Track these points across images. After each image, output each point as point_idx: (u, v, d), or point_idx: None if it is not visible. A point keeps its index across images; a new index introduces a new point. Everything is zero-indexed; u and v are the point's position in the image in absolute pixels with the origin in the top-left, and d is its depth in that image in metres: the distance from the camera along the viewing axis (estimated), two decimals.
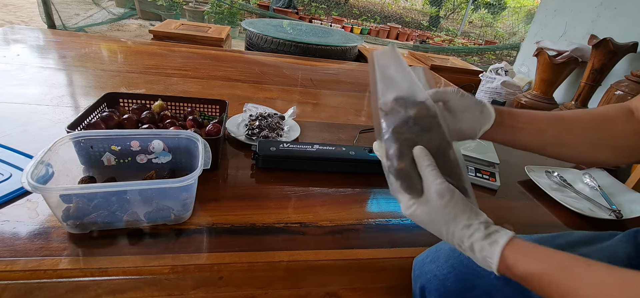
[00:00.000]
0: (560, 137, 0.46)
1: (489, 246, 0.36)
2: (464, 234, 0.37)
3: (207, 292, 0.48)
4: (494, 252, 0.35)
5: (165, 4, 5.28)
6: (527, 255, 0.35)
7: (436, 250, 0.53)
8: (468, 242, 0.37)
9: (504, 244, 0.35)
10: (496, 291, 0.48)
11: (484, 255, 0.36)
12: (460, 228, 0.37)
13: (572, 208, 0.71)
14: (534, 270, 0.34)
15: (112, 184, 0.45)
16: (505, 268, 0.35)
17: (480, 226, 0.37)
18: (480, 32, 9.03)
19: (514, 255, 0.35)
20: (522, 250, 0.35)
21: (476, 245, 0.36)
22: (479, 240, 0.36)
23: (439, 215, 0.38)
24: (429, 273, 0.50)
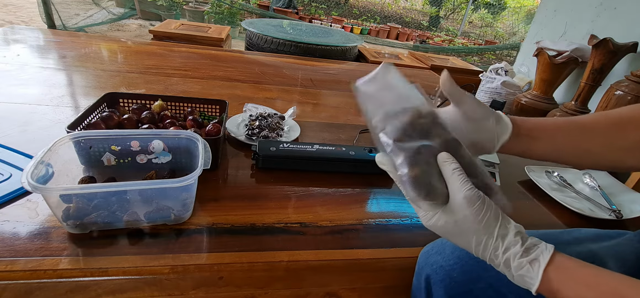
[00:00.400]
0: (580, 144, 0.43)
1: (529, 265, 0.33)
2: (499, 247, 0.34)
3: (207, 292, 0.48)
4: (535, 273, 0.32)
5: (165, 4, 5.28)
6: (574, 279, 0.32)
7: (442, 242, 0.53)
8: (503, 257, 0.34)
9: (546, 263, 0.32)
10: (502, 283, 0.48)
11: (522, 274, 0.33)
12: (493, 240, 0.34)
13: (572, 208, 0.71)
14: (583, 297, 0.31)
15: (112, 184, 0.45)
16: (548, 291, 0.32)
17: (516, 239, 0.34)
18: (480, 32, 9.03)
19: (558, 277, 0.32)
20: (568, 271, 0.32)
21: (513, 262, 0.33)
22: (517, 256, 0.33)
23: (468, 225, 0.34)
24: (435, 264, 0.50)
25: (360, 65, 1.86)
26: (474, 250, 0.35)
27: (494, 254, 0.34)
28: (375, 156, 0.48)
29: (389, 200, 0.68)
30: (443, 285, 0.49)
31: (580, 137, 0.43)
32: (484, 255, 0.35)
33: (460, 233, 0.35)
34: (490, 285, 0.48)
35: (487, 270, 0.49)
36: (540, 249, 0.33)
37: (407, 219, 0.63)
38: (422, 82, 1.69)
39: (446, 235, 0.37)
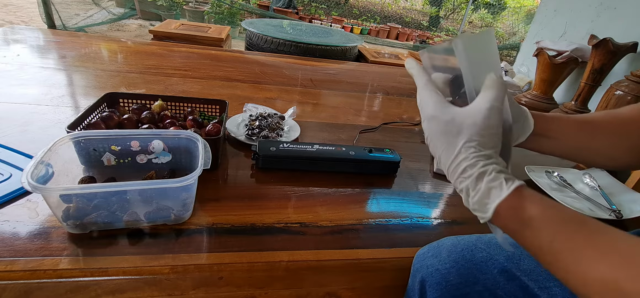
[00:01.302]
0: (590, 145, 0.44)
1: (498, 186, 0.33)
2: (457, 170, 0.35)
3: (207, 292, 0.48)
4: (502, 188, 0.32)
5: (165, 4, 5.28)
6: (544, 201, 0.32)
7: (438, 245, 0.53)
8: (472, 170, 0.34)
9: (518, 184, 0.33)
10: (498, 287, 0.48)
11: (490, 187, 0.33)
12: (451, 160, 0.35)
13: (572, 208, 0.71)
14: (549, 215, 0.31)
15: (112, 184, 0.45)
16: (510, 208, 0.32)
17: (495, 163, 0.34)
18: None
19: (526, 195, 0.32)
20: (538, 196, 0.32)
21: (486, 176, 0.33)
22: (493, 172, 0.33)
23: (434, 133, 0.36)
24: (431, 267, 0.50)
25: (360, 65, 1.86)
26: (446, 156, 0.36)
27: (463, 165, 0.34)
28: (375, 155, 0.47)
29: (389, 200, 0.68)
30: (438, 288, 0.49)
31: (591, 138, 0.44)
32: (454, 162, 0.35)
33: (431, 138, 0.37)
34: (486, 288, 0.49)
35: (484, 274, 0.49)
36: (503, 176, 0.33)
37: (407, 219, 0.63)
38: None
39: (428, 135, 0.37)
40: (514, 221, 0.33)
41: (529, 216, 0.32)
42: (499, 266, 0.49)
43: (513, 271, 0.48)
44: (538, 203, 0.32)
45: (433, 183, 0.77)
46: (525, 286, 0.47)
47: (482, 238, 0.53)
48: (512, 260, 0.49)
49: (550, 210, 0.32)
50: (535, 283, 0.47)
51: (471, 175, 0.34)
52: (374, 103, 1.28)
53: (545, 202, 0.32)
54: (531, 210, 0.32)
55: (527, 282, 0.47)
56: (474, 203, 0.34)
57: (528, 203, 0.32)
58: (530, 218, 0.32)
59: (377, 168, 0.75)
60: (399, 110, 1.21)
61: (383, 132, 0.99)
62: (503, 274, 0.49)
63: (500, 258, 0.50)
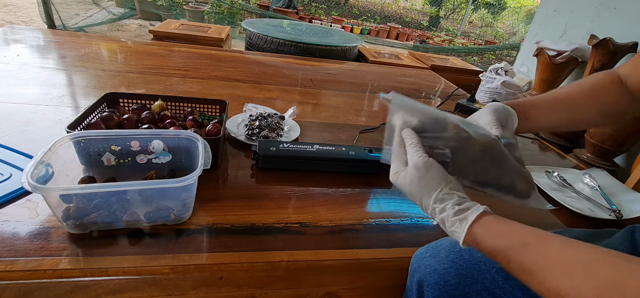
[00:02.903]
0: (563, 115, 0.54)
1: (459, 223, 0.38)
2: (436, 208, 0.40)
3: (207, 292, 0.48)
4: (462, 229, 0.38)
5: (165, 4, 5.28)
6: (492, 232, 0.37)
7: (436, 245, 0.53)
8: (439, 216, 0.40)
9: (471, 221, 0.38)
10: (497, 287, 0.48)
11: (453, 231, 0.39)
12: (432, 201, 0.40)
13: (572, 208, 0.71)
14: (497, 246, 0.36)
15: (112, 184, 0.45)
16: (473, 242, 0.38)
17: (452, 204, 0.39)
18: (480, 32, 9.03)
19: (480, 231, 0.38)
20: (489, 226, 0.37)
21: (447, 221, 0.39)
22: (450, 216, 0.39)
23: (415, 187, 0.41)
24: (429, 268, 0.50)
25: (360, 65, 1.86)
26: (422, 208, 0.42)
27: (433, 213, 0.41)
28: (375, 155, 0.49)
29: (389, 200, 0.68)
30: (437, 288, 0.49)
31: (564, 109, 0.54)
32: (428, 213, 0.41)
33: (411, 194, 0.42)
34: (485, 288, 0.48)
35: (483, 273, 0.49)
36: (470, 211, 0.39)
37: (407, 219, 0.63)
38: (423, 82, 1.69)
39: (405, 190, 0.43)
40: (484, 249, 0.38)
41: (484, 249, 0.38)
42: (497, 266, 0.49)
43: None
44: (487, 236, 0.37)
45: None
46: (523, 286, 0.47)
47: None
48: None
49: (497, 240, 0.37)
50: None
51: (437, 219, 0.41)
52: (374, 103, 1.28)
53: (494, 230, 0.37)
54: (483, 244, 0.37)
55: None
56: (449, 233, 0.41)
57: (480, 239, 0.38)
58: (486, 250, 0.38)
59: (377, 168, 0.75)
60: None
61: (383, 132, 0.99)
62: (501, 273, 0.49)
63: None
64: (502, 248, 0.36)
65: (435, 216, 0.40)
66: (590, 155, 1.55)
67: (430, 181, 0.40)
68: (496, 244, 0.36)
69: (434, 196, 0.40)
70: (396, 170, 0.43)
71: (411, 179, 0.41)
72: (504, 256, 0.36)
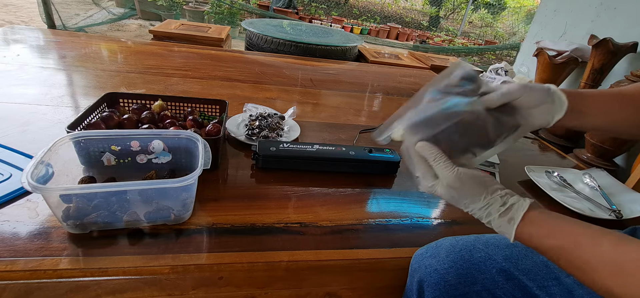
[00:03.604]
0: (623, 116, 0.46)
1: (507, 223, 0.39)
2: (482, 216, 0.40)
3: (207, 292, 0.48)
4: (510, 230, 0.38)
5: (165, 4, 5.28)
6: (540, 230, 0.37)
7: (436, 245, 0.53)
8: (486, 220, 0.40)
9: (518, 221, 0.38)
10: (497, 287, 0.48)
11: (502, 231, 0.40)
12: (477, 211, 0.40)
13: (572, 208, 0.71)
14: (547, 245, 0.37)
15: (112, 184, 0.45)
16: (522, 241, 0.39)
17: (497, 207, 0.39)
18: (480, 32, 9.03)
19: (528, 229, 0.38)
20: (536, 224, 0.38)
21: (494, 223, 0.40)
22: (496, 219, 0.39)
23: (456, 200, 0.42)
24: (429, 268, 0.50)
25: (360, 65, 1.86)
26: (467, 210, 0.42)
27: (480, 219, 0.41)
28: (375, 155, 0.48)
29: (389, 200, 0.68)
30: (437, 288, 0.49)
31: (622, 107, 0.46)
32: (474, 214, 0.41)
33: (453, 200, 0.42)
34: (485, 288, 0.49)
35: (483, 273, 0.49)
36: (515, 210, 0.39)
37: (407, 219, 0.63)
38: (423, 82, 1.69)
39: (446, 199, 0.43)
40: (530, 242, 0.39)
41: (533, 247, 0.38)
42: (498, 266, 0.49)
43: (511, 270, 0.48)
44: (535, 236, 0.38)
45: None
46: (524, 285, 0.47)
47: (481, 239, 0.53)
48: (511, 259, 0.49)
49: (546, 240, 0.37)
50: (533, 282, 0.47)
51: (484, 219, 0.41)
52: (374, 103, 1.28)
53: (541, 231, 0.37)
54: (532, 243, 0.38)
55: (525, 281, 0.47)
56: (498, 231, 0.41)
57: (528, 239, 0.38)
58: (536, 249, 0.38)
59: (377, 169, 0.75)
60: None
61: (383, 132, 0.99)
62: (501, 274, 0.49)
63: (499, 258, 0.50)
64: (551, 247, 0.37)
65: (483, 220, 0.41)
66: (590, 155, 1.55)
67: (469, 192, 0.40)
68: (546, 244, 0.37)
69: (478, 207, 0.40)
70: (430, 184, 0.43)
71: (451, 196, 0.42)
72: (554, 254, 0.37)
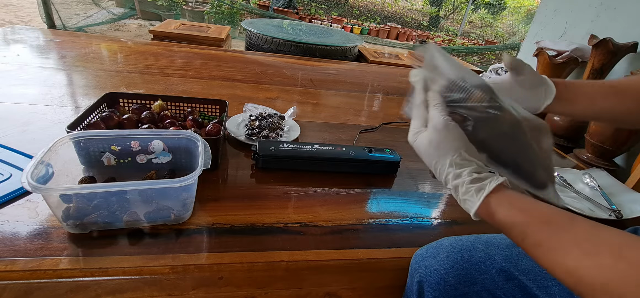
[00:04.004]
0: (614, 108, 0.47)
1: (474, 192, 0.36)
2: (451, 172, 0.38)
3: (207, 292, 0.48)
4: (478, 198, 0.36)
5: (165, 4, 5.28)
6: (511, 205, 0.35)
7: (436, 245, 0.53)
8: (453, 182, 0.38)
9: (489, 191, 0.36)
10: (497, 287, 0.48)
11: (465, 199, 0.37)
12: (448, 165, 0.38)
13: (572, 208, 0.71)
14: (515, 219, 0.35)
15: (112, 184, 0.45)
16: (486, 213, 0.36)
17: (470, 171, 0.37)
18: (480, 32, 9.03)
19: (497, 201, 0.36)
20: (508, 198, 0.36)
21: (461, 188, 0.37)
22: (466, 183, 0.37)
23: (432, 149, 0.39)
24: (429, 268, 0.50)
25: (360, 65, 1.86)
26: (435, 171, 0.40)
27: (447, 178, 0.38)
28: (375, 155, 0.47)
29: (389, 200, 0.68)
30: (437, 288, 0.49)
31: (614, 101, 0.47)
32: (441, 177, 0.39)
33: (428, 154, 0.40)
34: (485, 288, 0.49)
35: (483, 274, 0.49)
36: (489, 181, 0.37)
37: (407, 219, 0.63)
38: None
39: (421, 153, 0.41)
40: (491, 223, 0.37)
41: (498, 220, 0.36)
42: (498, 266, 0.49)
43: (511, 271, 0.48)
44: (505, 207, 0.35)
45: (433, 184, 0.77)
46: (524, 286, 0.47)
47: (481, 239, 0.53)
48: (511, 260, 0.49)
49: (517, 213, 0.35)
50: (533, 282, 0.47)
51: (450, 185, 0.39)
52: (374, 103, 1.28)
53: (514, 204, 0.35)
54: (499, 214, 0.36)
55: (525, 281, 0.47)
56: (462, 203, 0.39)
57: (496, 208, 0.36)
58: (501, 222, 0.36)
59: (377, 169, 0.75)
60: (399, 110, 1.21)
61: (383, 132, 0.99)
62: (501, 274, 0.49)
63: (499, 258, 0.50)
64: (519, 222, 0.34)
65: (449, 182, 0.38)
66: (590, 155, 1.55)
67: (449, 143, 0.38)
68: (514, 217, 0.34)
69: (450, 159, 0.38)
70: (416, 130, 0.41)
71: (429, 140, 0.39)
72: (520, 231, 0.34)
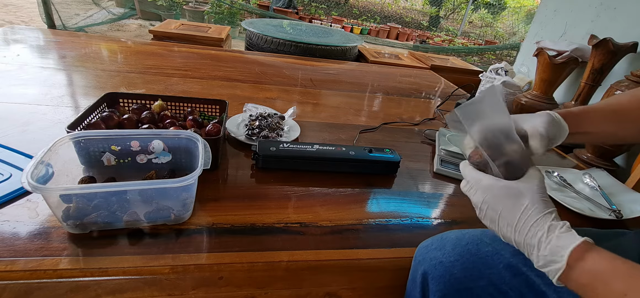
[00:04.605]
0: (616, 133, 0.49)
1: (570, 235, 0.36)
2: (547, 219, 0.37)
3: (207, 292, 0.48)
4: (575, 238, 0.35)
5: (165, 4, 5.28)
6: (614, 256, 0.33)
7: (442, 238, 0.53)
8: (544, 223, 0.37)
9: (588, 239, 0.35)
10: (503, 282, 0.48)
11: (563, 235, 0.36)
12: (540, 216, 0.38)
13: (572, 208, 0.71)
14: (619, 268, 0.32)
15: (112, 184, 0.45)
16: (581, 259, 0.34)
17: (557, 220, 0.37)
18: (480, 32, 9.03)
19: (596, 248, 0.34)
20: (607, 251, 0.34)
21: (557, 229, 0.36)
22: (561, 227, 0.36)
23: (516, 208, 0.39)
24: (434, 260, 0.50)
25: (360, 65, 1.86)
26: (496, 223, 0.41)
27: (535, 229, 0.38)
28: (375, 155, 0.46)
29: (389, 200, 0.68)
30: (442, 281, 0.48)
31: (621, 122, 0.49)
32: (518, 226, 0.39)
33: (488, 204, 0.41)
34: (491, 283, 0.48)
35: (490, 268, 0.48)
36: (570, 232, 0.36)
37: (407, 219, 0.63)
38: (423, 82, 1.69)
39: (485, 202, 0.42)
40: (584, 274, 0.34)
41: (600, 267, 0.33)
42: (505, 261, 0.49)
43: (519, 266, 0.48)
44: (609, 255, 0.34)
45: (433, 183, 0.77)
46: (531, 282, 0.47)
47: (487, 233, 0.52)
48: (519, 255, 0.49)
49: (622, 263, 0.33)
50: (541, 278, 0.47)
51: (542, 228, 0.37)
52: (374, 103, 1.28)
53: (616, 256, 0.34)
54: (602, 262, 0.33)
55: (533, 278, 0.47)
56: (546, 254, 0.36)
57: (599, 254, 0.34)
58: (602, 270, 0.33)
59: (377, 169, 0.75)
60: (399, 110, 1.21)
61: (383, 132, 0.99)
62: (509, 269, 0.48)
63: (506, 254, 0.49)
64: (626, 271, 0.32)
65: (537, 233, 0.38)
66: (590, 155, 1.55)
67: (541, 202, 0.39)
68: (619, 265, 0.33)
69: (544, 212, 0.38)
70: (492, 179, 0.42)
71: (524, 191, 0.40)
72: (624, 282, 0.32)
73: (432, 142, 0.97)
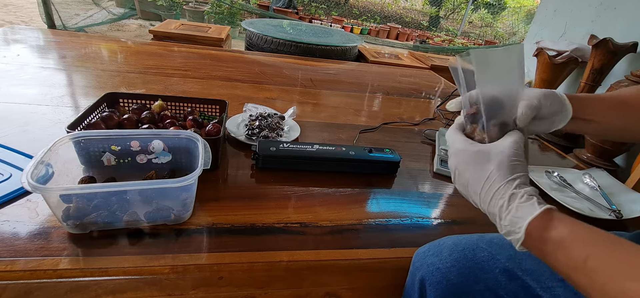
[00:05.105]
0: (626, 125, 0.46)
1: (529, 205, 0.34)
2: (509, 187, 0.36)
3: (207, 292, 0.48)
4: (534, 207, 0.34)
5: (165, 4, 5.28)
6: (575, 221, 0.33)
7: (439, 244, 0.53)
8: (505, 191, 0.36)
9: (549, 206, 0.34)
10: (500, 287, 0.48)
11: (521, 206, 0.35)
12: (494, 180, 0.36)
13: (572, 208, 0.71)
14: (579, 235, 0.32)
15: (112, 184, 0.45)
16: (541, 228, 0.34)
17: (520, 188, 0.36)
18: (480, 32, 9.03)
19: (557, 216, 0.33)
20: (569, 217, 0.34)
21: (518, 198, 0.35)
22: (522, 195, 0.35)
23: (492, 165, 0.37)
24: (431, 266, 0.50)
25: (360, 65, 1.86)
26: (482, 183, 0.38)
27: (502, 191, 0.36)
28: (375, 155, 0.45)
29: (389, 200, 0.68)
30: (439, 287, 0.49)
31: (627, 118, 0.46)
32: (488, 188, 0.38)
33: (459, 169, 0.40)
34: (488, 287, 0.48)
35: (486, 273, 0.49)
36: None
37: (407, 219, 0.63)
38: (423, 82, 1.69)
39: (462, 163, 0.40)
40: (545, 242, 0.33)
41: (560, 235, 0.32)
42: (501, 266, 0.49)
43: (515, 271, 0.48)
44: (569, 222, 0.33)
45: (433, 183, 0.77)
46: (527, 286, 0.47)
47: (484, 238, 0.53)
48: (514, 260, 0.49)
49: (582, 228, 0.32)
50: (537, 283, 0.47)
51: (503, 196, 0.36)
52: (374, 103, 1.28)
53: (576, 221, 0.33)
54: (563, 229, 0.32)
55: (529, 282, 0.47)
56: (506, 224, 0.36)
57: (559, 222, 0.33)
58: (562, 238, 0.32)
59: (377, 168, 0.75)
60: (399, 110, 1.21)
61: (383, 132, 0.99)
62: (505, 274, 0.49)
63: (502, 258, 0.50)
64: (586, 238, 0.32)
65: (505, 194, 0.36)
66: (590, 155, 1.55)
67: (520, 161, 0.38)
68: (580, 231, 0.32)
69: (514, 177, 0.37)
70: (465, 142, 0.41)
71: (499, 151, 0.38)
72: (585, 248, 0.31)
73: (432, 142, 0.97)
